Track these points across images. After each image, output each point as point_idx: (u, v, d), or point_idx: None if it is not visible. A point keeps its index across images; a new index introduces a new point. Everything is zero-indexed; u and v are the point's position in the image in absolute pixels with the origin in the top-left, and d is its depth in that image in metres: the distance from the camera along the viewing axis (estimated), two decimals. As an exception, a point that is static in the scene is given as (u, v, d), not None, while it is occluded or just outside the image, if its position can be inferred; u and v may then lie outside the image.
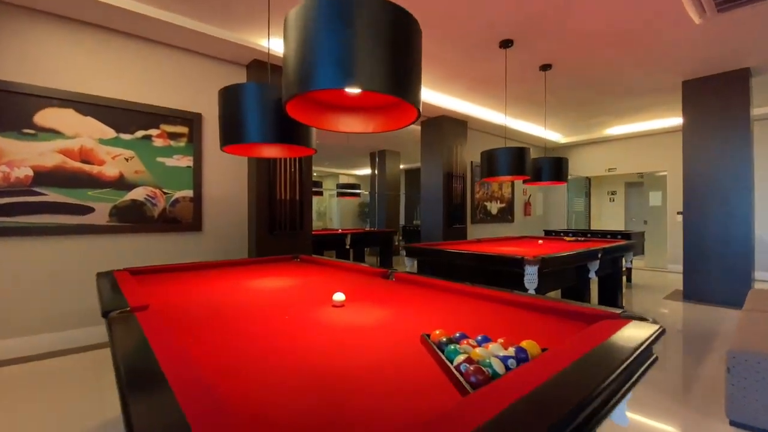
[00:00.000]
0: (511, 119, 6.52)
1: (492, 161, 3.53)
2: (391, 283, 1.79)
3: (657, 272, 6.91)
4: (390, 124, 1.41)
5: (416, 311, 1.30)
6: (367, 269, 2.06)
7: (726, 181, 4.36)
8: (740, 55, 3.93)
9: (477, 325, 1.14)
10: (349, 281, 1.86)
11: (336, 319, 1.21)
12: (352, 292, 1.60)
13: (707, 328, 3.51)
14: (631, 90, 4.98)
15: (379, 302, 1.42)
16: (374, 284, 1.77)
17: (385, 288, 1.68)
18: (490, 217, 7.37)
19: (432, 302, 1.43)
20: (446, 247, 3.33)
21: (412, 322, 1.17)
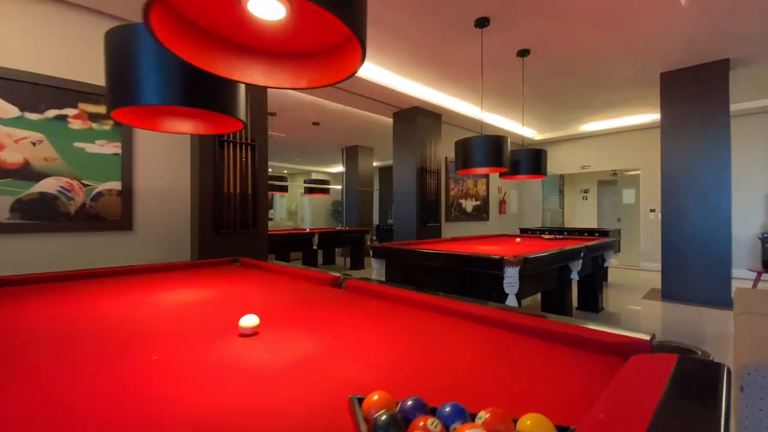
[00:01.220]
0: (487, 113, 6.25)
1: (468, 151, 3.19)
2: (339, 294, 1.39)
3: (631, 270, 6.85)
4: (326, 75, 1.00)
5: (358, 342, 0.90)
6: (315, 275, 1.64)
7: (705, 177, 4.23)
8: (720, 44, 3.78)
9: (444, 369, 0.76)
10: (287, 292, 1.44)
11: (233, 357, 0.79)
12: (281, 311, 1.18)
13: (692, 330, 3.32)
14: (609, 81, 4.79)
15: (311, 326, 1.01)
16: (317, 296, 1.36)
17: (329, 302, 1.28)
18: (465, 215, 7.10)
19: (385, 324, 1.04)
20: (417, 247, 2.96)
21: (347, 365, 0.76)
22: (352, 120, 6.60)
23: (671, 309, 4.06)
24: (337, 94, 5.03)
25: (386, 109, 5.65)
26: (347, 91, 4.87)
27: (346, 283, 1.46)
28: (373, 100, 5.22)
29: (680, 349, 0.73)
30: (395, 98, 5.14)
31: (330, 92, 4.96)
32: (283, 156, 11.08)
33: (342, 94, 5.02)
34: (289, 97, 5.35)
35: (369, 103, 5.41)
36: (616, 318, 3.73)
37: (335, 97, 5.14)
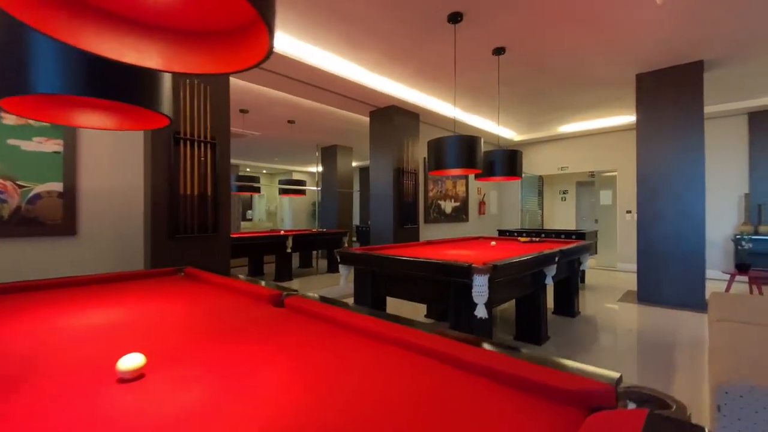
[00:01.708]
0: (465, 113, 6.16)
1: (440, 152, 3.05)
2: (275, 315, 1.21)
3: (608, 271, 6.88)
4: (232, 61, 0.82)
5: (269, 387, 0.73)
6: (257, 290, 1.46)
7: (679, 179, 4.22)
8: (694, 46, 3.76)
9: (364, 420, 0.59)
10: (214, 313, 1.25)
11: (96, 413, 0.61)
12: (191, 341, 1.00)
13: (667, 335, 3.27)
14: (587, 82, 4.75)
15: (217, 364, 0.84)
16: (247, 318, 1.18)
17: (258, 326, 1.10)
18: (444, 216, 6.99)
19: (313, 357, 0.87)
20: (384, 253, 2.80)
21: (246, 422, 0.59)
22: (329, 119, 6.40)
23: (646, 312, 4.03)
24: (311, 92, 4.83)
25: (363, 107, 5.48)
26: (321, 88, 4.68)
27: (286, 301, 1.29)
28: (349, 98, 5.04)
29: (651, 399, 0.59)
30: (371, 96, 4.98)
31: (304, 90, 4.75)
32: (261, 155, 10.77)
33: (317, 92, 4.82)
34: (261, 94, 5.12)
35: (345, 102, 5.23)
36: (592, 322, 3.67)
37: (310, 94, 4.94)
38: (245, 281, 1.61)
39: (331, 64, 4.10)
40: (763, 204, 5.46)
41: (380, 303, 2.94)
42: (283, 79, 4.36)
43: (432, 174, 3.22)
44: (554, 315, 3.91)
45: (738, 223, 5.80)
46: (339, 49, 3.84)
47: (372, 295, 2.84)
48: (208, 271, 1.96)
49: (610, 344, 3.09)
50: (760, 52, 3.85)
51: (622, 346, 3.05)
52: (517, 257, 2.45)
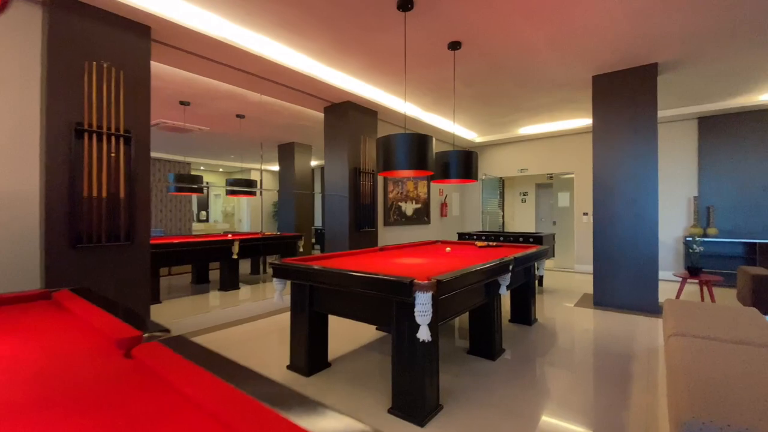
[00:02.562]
0: (425, 112, 5.95)
1: (388, 151, 2.77)
2: (107, 376, 0.87)
3: (565, 273, 6.92)
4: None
5: None
6: (114, 328, 1.10)
7: (633, 182, 4.20)
8: (649, 48, 3.72)
9: None
10: (27, 368, 0.89)
11: None
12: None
13: (624, 341, 3.18)
14: (544, 83, 4.65)
15: None
16: (65, 382, 0.83)
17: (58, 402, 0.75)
18: (405, 218, 6.76)
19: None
20: (327, 264, 2.48)
21: None
22: (282, 114, 5.99)
23: (602, 317, 3.96)
24: (257, 84, 4.42)
25: (316, 102, 5.12)
26: (268, 80, 4.28)
27: (136, 351, 0.94)
28: (299, 91, 4.67)
29: None
30: (324, 90, 4.63)
31: (251, 81, 4.34)
32: (216, 152, 10.10)
33: (263, 84, 4.42)
34: (202, 84, 4.63)
35: (296, 96, 4.85)
36: (549, 330, 3.53)
37: (256, 86, 4.52)
38: (109, 315, 1.23)
39: (275, 53, 3.73)
40: (711, 206, 5.64)
41: (320, 323, 2.61)
42: (226, 69, 3.94)
43: (381, 175, 2.94)
44: (511, 323, 3.75)
45: (687, 225, 5.97)
46: (278, 35, 3.48)
47: (309, 314, 2.51)
48: (87, 296, 1.56)
49: (566, 355, 2.94)
50: (711, 56, 3.88)
51: (579, 356, 2.91)
52: (467, 269, 2.21)
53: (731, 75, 4.40)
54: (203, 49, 3.47)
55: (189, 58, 3.64)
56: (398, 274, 2.11)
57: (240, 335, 3.45)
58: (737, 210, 5.57)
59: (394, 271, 2.30)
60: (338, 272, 2.15)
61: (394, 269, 2.39)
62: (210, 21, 3.14)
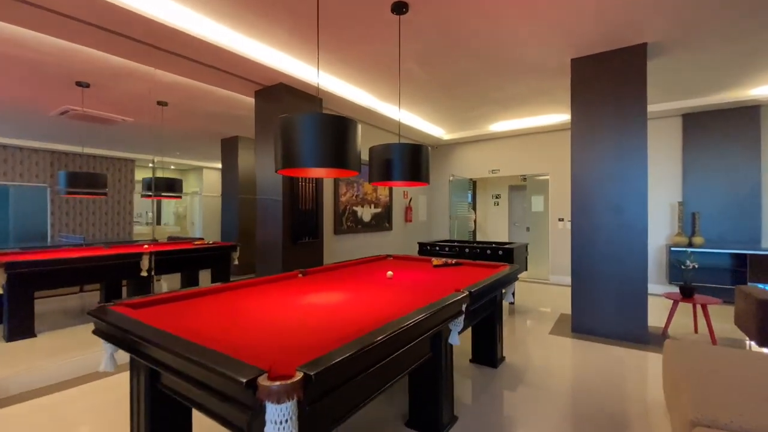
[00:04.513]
0: (383, 103, 5.12)
1: (290, 138, 1.91)
2: None
3: (540, 285, 6.26)
4: None
5: None
6: None
7: (619, 185, 3.51)
8: (638, 24, 3.03)
9: None
10: None
11: None
12: None
13: (612, 390, 2.44)
14: (516, 66, 3.91)
15: None
16: None
17: None
18: (362, 225, 5.92)
19: None
20: (160, 315, 1.59)
21: None
22: (210, 101, 5.02)
23: (583, 352, 3.25)
24: (167, 61, 3.48)
25: (244, 85, 4.20)
26: (177, 54, 3.35)
27: None
28: (220, 70, 3.75)
29: None
30: (252, 70, 3.73)
31: (158, 57, 3.40)
32: (159, 149, 8.93)
33: (173, 61, 3.48)
34: (100, 61, 3.62)
35: (219, 76, 3.92)
36: (518, 375, 2.77)
37: (167, 64, 3.58)
38: None
39: (180, 19, 2.82)
40: (696, 213, 5.08)
41: (171, 409, 1.69)
42: (126, 41, 3.02)
43: (281, 173, 2.11)
44: (472, 364, 2.97)
45: (671, 233, 5.41)
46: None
47: (148, 394, 1.60)
48: None
49: (541, 420, 2.16)
50: (706, 37, 3.23)
51: (556, 419, 2.15)
52: (384, 335, 1.38)
53: (722, 64, 3.79)
54: (96, 15, 2.51)
55: (68, 24, 2.69)
56: (270, 343, 1.26)
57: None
58: (724, 217, 5.03)
59: (267, 335, 1.45)
60: (154, 342, 1.27)
61: (272, 329, 1.53)
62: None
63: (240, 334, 1.41)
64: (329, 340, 1.34)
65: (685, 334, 3.68)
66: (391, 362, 1.46)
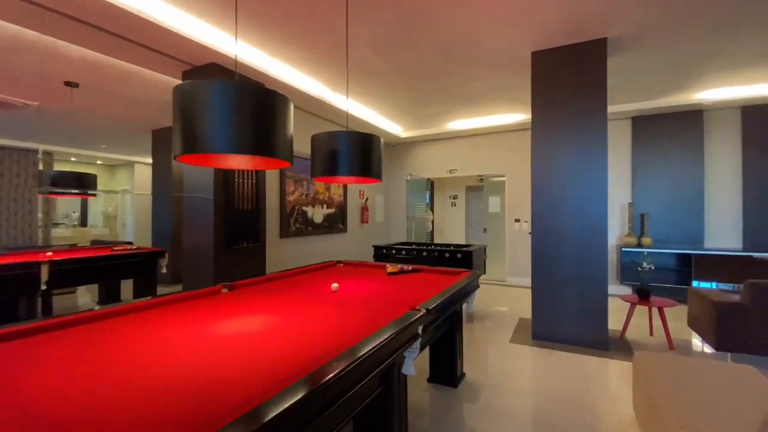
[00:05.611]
0: (337, 95, 4.70)
1: (192, 118, 1.45)
2: None
3: (497, 287, 6.15)
4: None
5: None
6: None
7: (579, 187, 3.37)
8: (600, 16, 2.87)
9: None
10: None
11: None
12: None
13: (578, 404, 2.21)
14: (476, 57, 3.66)
15: None
16: None
17: None
18: (312, 227, 5.44)
19: None
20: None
21: None
22: (132, 83, 4.31)
23: (545, 361, 3.04)
24: (74, 31, 2.81)
25: (170, 64, 3.59)
26: (77, 20, 2.70)
27: None
28: (139, 44, 3.13)
29: None
30: (178, 46, 3.15)
31: (59, 26, 2.72)
32: (82, 142, 7.81)
33: (74, 28, 2.82)
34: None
35: (138, 53, 3.29)
36: (478, 393, 2.48)
37: (63, 32, 2.90)
38: None
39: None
40: (645, 214, 5.17)
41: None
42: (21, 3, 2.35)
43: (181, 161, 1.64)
44: (430, 384, 2.64)
45: (622, 233, 5.49)
46: None
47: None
48: None
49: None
50: (664, 34, 3.16)
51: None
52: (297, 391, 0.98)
53: (673, 66, 3.81)
54: None
55: None
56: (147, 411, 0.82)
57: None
58: (670, 218, 5.17)
59: (140, 397, 1.00)
60: None
61: (150, 387, 1.08)
62: None
63: (96, 402, 0.94)
64: (231, 399, 0.91)
65: (642, 337, 3.63)
66: (327, 416, 1.06)
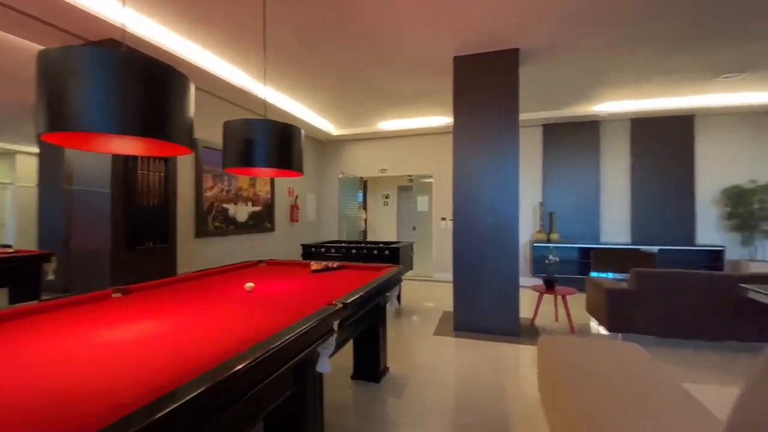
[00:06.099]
0: (263, 86, 4.45)
1: (62, 89, 1.23)
2: None
3: (425, 283, 6.35)
4: None
5: None
6: None
7: (496, 187, 3.59)
8: (513, 26, 3.09)
9: None
10: None
11: None
12: None
13: (492, 391, 2.34)
14: (401, 56, 3.72)
15: None
16: None
17: None
18: (235, 226, 5.09)
19: None
20: None
21: None
22: (18, 58, 3.63)
23: (465, 351, 3.19)
24: None
25: (60, 37, 3.08)
26: None
27: None
28: (24, 14, 2.62)
29: None
30: (68, 15, 2.70)
31: None
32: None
33: None
34: None
35: (25, 23, 2.76)
36: (401, 387, 2.50)
37: None
38: None
39: None
40: (553, 213, 5.72)
41: None
42: None
43: (45, 140, 1.40)
44: (354, 381, 2.60)
45: (534, 230, 6.01)
46: None
47: None
48: None
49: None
50: (570, 49, 3.50)
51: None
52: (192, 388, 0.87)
53: (577, 79, 4.27)
54: None
55: None
56: None
57: None
58: (574, 216, 5.79)
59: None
60: None
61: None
62: None
63: None
64: (97, 411, 0.76)
65: (548, 323, 3.98)
66: (228, 416, 0.95)
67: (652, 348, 3.21)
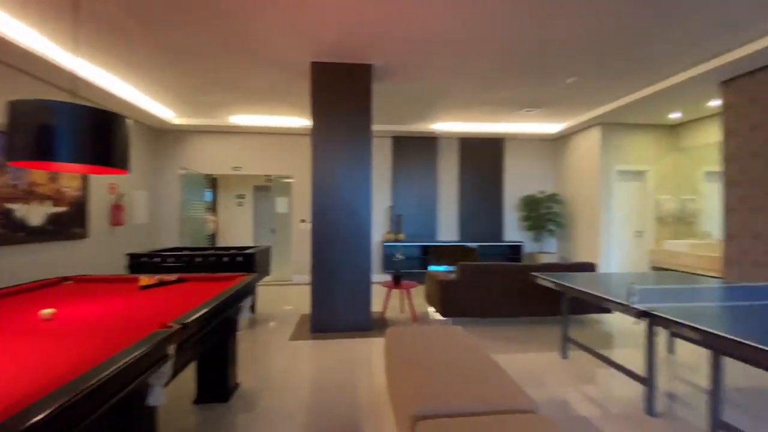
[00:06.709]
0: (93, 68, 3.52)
1: None
2: None
3: (283, 287, 6.17)
4: None
5: None
6: None
7: (351, 190, 3.78)
8: (367, 43, 3.31)
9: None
10: None
11: None
12: None
13: (345, 393, 2.46)
14: (255, 50, 3.53)
15: None
16: None
17: None
18: (26, 232, 3.90)
19: None
20: None
21: None
22: None
23: (321, 352, 3.25)
24: None
25: None
26: None
27: None
28: None
29: None
30: None
31: None
32: None
33: None
34: None
35: None
36: (252, 403, 2.39)
37: None
38: None
39: None
40: (400, 215, 6.36)
41: None
42: None
43: None
44: (196, 407, 2.35)
45: (384, 231, 6.56)
46: None
47: None
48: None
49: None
50: (418, 70, 3.95)
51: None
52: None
53: (420, 99, 4.87)
54: None
55: None
56: None
57: None
58: (417, 218, 6.58)
59: None
60: None
61: None
62: None
63: None
64: None
65: (395, 315, 4.42)
66: None
67: (474, 328, 3.92)
